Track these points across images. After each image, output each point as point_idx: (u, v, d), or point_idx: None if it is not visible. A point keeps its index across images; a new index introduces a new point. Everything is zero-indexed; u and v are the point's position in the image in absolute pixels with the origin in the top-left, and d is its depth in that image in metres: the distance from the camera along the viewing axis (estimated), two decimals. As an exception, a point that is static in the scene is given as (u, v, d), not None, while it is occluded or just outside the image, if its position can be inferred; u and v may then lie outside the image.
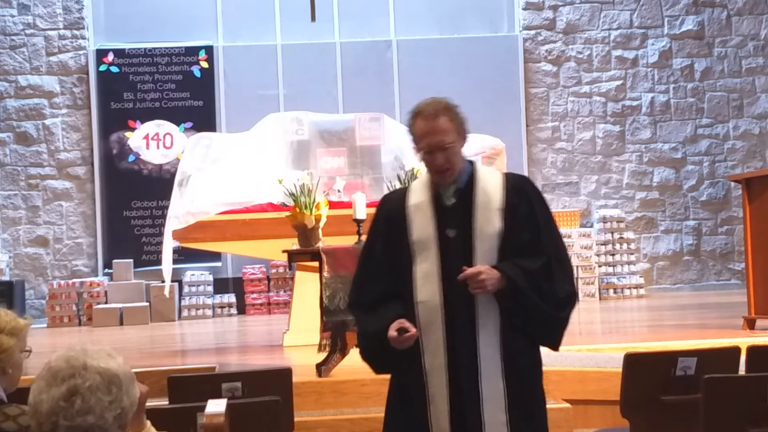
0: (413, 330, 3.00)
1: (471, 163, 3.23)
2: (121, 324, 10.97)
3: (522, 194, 3.14)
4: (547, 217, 3.18)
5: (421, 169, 7.29)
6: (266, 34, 12.35)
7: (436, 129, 3.07)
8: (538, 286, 3.06)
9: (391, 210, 3.22)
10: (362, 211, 6.33)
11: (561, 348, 3.24)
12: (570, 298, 3.13)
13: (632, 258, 12.05)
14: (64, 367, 2.09)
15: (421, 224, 3.12)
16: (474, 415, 3.03)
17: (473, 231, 3.08)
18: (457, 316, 3.05)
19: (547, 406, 3.27)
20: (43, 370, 2.12)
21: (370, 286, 3.18)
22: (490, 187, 3.14)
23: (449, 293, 3.05)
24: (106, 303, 11.27)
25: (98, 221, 11.99)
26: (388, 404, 3.28)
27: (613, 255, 11.99)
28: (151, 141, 12.05)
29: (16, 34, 12.10)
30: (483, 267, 3.00)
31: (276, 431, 3.68)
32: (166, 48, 12.18)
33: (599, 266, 11.85)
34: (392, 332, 3.01)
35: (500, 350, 3.05)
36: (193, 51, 12.22)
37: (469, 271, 2.98)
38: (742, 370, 4.22)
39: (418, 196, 3.18)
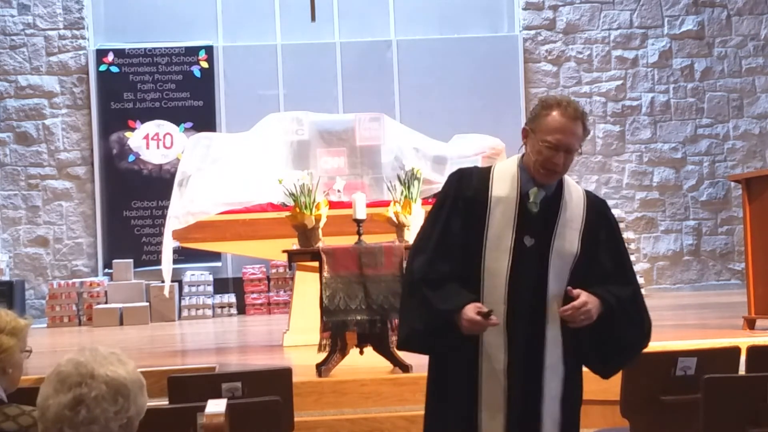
0: (495, 318, 2.89)
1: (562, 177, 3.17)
2: (121, 324, 10.96)
3: (602, 218, 3.11)
4: (624, 245, 3.20)
5: (422, 169, 7.31)
6: (266, 34, 12.35)
7: (571, 130, 2.98)
8: (628, 314, 3.07)
9: (473, 191, 3.06)
10: (362, 211, 6.33)
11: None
12: (650, 331, 3.16)
13: (632, 258, 12.00)
14: (72, 373, 2.09)
15: (501, 223, 3.00)
16: (533, 416, 2.99)
17: (551, 246, 3.00)
18: (519, 323, 2.97)
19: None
20: (52, 373, 2.12)
21: (442, 264, 3.00)
22: (574, 204, 3.07)
23: (513, 299, 2.97)
24: (106, 303, 11.27)
25: (98, 221, 11.99)
26: (428, 405, 3.19)
27: (613, 255, 11.97)
28: (151, 141, 12.05)
29: (16, 34, 12.10)
30: (586, 296, 2.95)
31: (276, 431, 3.68)
32: (166, 48, 12.18)
33: (599, 266, 11.83)
34: (472, 314, 2.88)
35: (562, 369, 3.03)
36: (193, 51, 12.22)
37: (575, 303, 2.93)
38: (742, 370, 4.22)
39: (504, 188, 3.04)
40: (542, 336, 2.98)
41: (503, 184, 3.05)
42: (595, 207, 3.12)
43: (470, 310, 2.90)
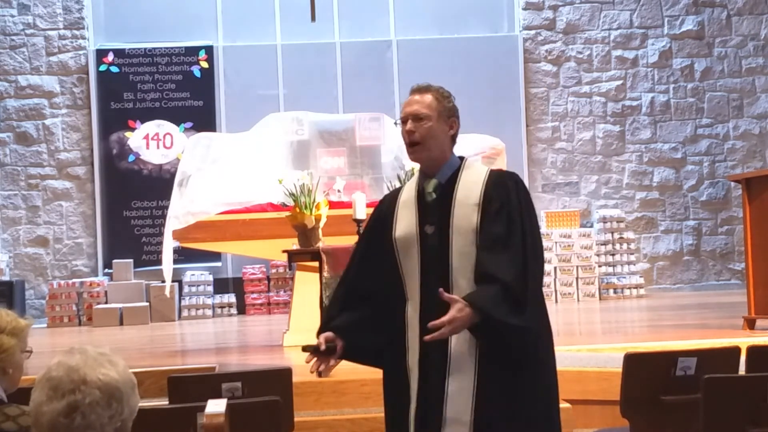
0: (321, 350, 3.05)
1: (461, 159, 3.17)
2: (121, 324, 10.97)
3: (501, 187, 3.04)
4: (524, 216, 3.01)
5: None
6: (266, 34, 12.36)
7: (414, 99, 3.13)
8: (517, 301, 2.89)
9: (384, 208, 3.22)
10: (362, 211, 6.33)
11: (561, 347, 3.24)
12: (529, 319, 2.91)
13: (632, 258, 12.05)
14: (64, 379, 2.08)
15: (405, 221, 3.09)
16: (437, 413, 2.95)
17: (450, 227, 3.01)
18: (432, 313, 2.90)
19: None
20: (42, 378, 2.11)
21: (345, 285, 3.22)
22: (471, 182, 3.07)
23: (426, 290, 2.99)
24: (106, 303, 11.27)
25: (98, 221, 11.99)
26: (384, 399, 3.24)
27: (613, 255, 11.99)
28: (151, 141, 12.05)
29: (16, 34, 12.10)
30: (452, 314, 2.80)
31: (276, 431, 3.68)
32: (166, 48, 12.18)
33: (599, 266, 11.85)
34: (320, 340, 3.08)
35: (475, 348, 2.94)
36: (193, 51, 12.22)
37: (438, 321, 2.82)
38: (742, 370, 4.22)
39: (407, 192, 3.17)
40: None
41: (408, 189, 3.18)
42: (495, 179, 3.07)
43: (322, 337, 3.10)
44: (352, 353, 3.15)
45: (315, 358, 3.07)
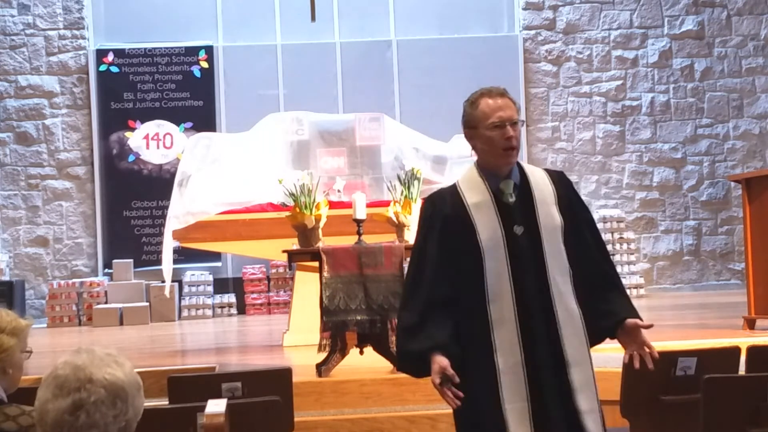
0: (455, 383, 2.93)
1: (519, 163, 3.22)
2: (121, 324, 10.96)
3: (567, 188, 3.19)
4: (585, 206, 3.28)
5: (422, 169, 7.32)
6: (266, 34, 12.35)
7: (506, 104, 3.15)
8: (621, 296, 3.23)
9: (449, 210, 3.13)
10: (362, 211, 6.33)
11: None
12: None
13: (632, 258, 12.05)
14: (70, 377, 2.09)
15: (488, 223, 3.06)
16: (560, 408, 3.00)
17: (539, 227, 3.06)
18: (530, 312, 3.00)
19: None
20: (49, 377, 2.12)
21: (423, 292, 3.07)
22: (541, 182, 3.15)
23: (519, 291, 3.02)
24: (106, 303, 11.27)
25: (98, 221, 11.99)
26: (455, 410, 3.10)
27: (613, 255, 11.94)
28: (151, 141, 12.06)
29: (16, 34, 12.10)
30: (645, 337, 3.13)
31: (276, 431, 3.68)
32: (166, 48, 12.18)
33: (599, 266, 11.83)
34: (435, 378, 2.95)
35: (585, 338, 3.09)
36: (193, 51, 12.22)
37: (649, 350, 3.11)
38: (742, 370, 4.22)
39: (476, 194, 3.12)
40: (554, 316, 3.02)
41: (473, 191, 3.13)
42: (557, 177, 3.21)
43: (435, 374, 2.94)
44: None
45: (449, 388, 2.96)
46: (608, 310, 3.14)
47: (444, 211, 3.12)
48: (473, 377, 3.02)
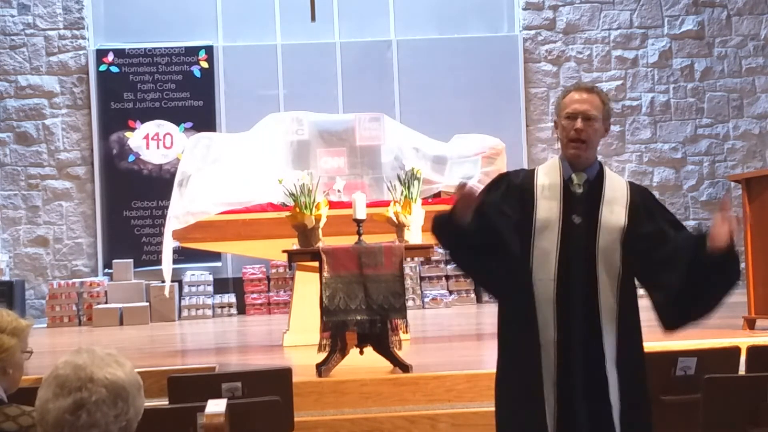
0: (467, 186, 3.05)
1: (601, 163, 3.33)
2: (121, 324, 10.96)
3: (648, 199, 3.29)
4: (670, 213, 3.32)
5: (422, 169, 7.31)
6: (266, 34, 12.35)
7: (584, 98, 3.24)
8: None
9: (519, 181, 3.27)
10: (362, 211, 6.33)
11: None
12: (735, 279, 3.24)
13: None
14: (71, 377, 2.09)
15: (549, 205, 3.19)
16: (597, 397, 3.08)
17: (599, 221, 3.16)
18: (573, 297, 3.12)
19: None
20: (50, 376, 2.12)
21: (483, 216, 3.14)
22: (617, 185, 3.26)
23: (564, 275, 3.13)
24: (106, 303, 11.27)
25: (98, 221, 11.99)
26: (498, 379, 3.29)
27: (613, 255, 11.98)
28: (151, 141, 12.06)
29: (16, 34, 12.10)
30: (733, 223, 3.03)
31: (276, 431, 3.68)
32: (166, 48, 12.18)
33: (599, 266, 11.85)
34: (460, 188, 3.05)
35: (615, 337, 3.13)
36: (193, 51, 12.22)
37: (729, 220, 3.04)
38: (742, 370, 4.22)
39: (548, 177, 3.25)
40: (596, 308, 3.11)
41: (547, 175, 3.26)
42: (639, 189, 3.32)
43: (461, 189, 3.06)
44: (473, 236, 3.10)
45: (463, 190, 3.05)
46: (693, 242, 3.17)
47: (515, 181, 3.27)
48: (514, 350, 3.19)
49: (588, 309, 3.12)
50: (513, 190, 3.24)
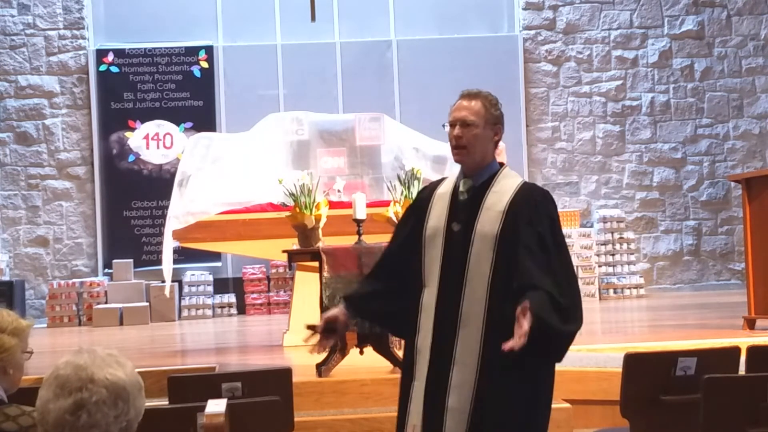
0: (316, 331, 3.27)
1: (501, 165, 3.31)
2: (121, 324, 10.96)
3: (529, 201, 3.17)
4: (553, 234, 3.15)
5: (422, 169, 7.32)
6: (266, 34, 12.35)
7: (465, 106, 3.27)
8: (559, 309, 3.03)
9: (424, 196, 3.40)
10: (362, 211, 6.33)
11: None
12: (579, 312, 3.12)
13: (632, 258, 12.05)
14: (72, 377, 2.10)
15: (438, 213, 3.27)
16: (439, 398, 3.13)
17: (474, 229, 3.17)
18: (446, 304, 3.18)
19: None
20: (50, 376, 2.12)
21: (383, 265, 3.42)
22: (503, 190, 3.22)
23: (444, 282, 3.19)
24: (106, 303, 11.27)
25: (98, 221, 11.99)
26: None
27: (613, 255, 11.99)
28: (151, 141, 12.06)
29: (16, 34, 12.10)
30: (527, 325, 2.88)
31: (276, 431, 3.68)
32: (166, 48, 12.18)
33: (599, 266, 11.86)
34: (321, 322, 3.28)
35: (480, 343, 3.10)
36: (193, 51, 12.22)
37: (518, 337, 2.88)
38: (742, 370, 4.22)
39: (445, 186, 3.34)
40: (458, 315, 3.15)
41: (447, 183, 3.35)
42: (525, 194, 3.20)
43: (326, 316, 3.33)
44: (366, 318, 3.52)
45: (313, 337, 3.27)
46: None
47: (422, 197, 3.42)
48: (405, 351, 3.33)
49: (455, 315, 3.14)
50: (416, 210, 3.37)
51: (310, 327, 3.27)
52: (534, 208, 3.16)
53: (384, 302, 3.33)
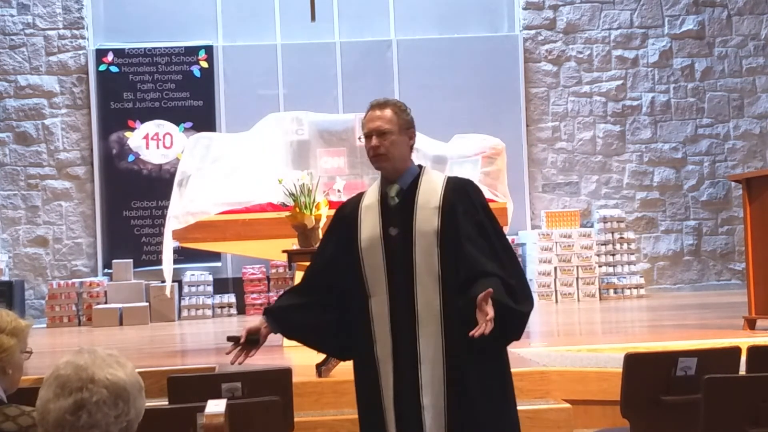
0: (238, 343, 3.30)
1: (420, 167, 3.42)
2: (121, 324, 10.96)
3: (461, 195, 3.29)
4: (488, 219, 3.29)
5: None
6: (266, 34, 12.35)
7: (378, 116, 3.34)
8: (512, 291, 3.15)
9: (347, 212, 3.44)
10: (362, 211, 6.32)
11: (561, 348, 3.26)
12: (528, 291, 3.26)
13: (632, 258, 12.05)
14: (72, 377, 2.10)
15: (371, 222, 3.32)
16: (413, 400, 3.19)
17: (413, 230, 3.24)
18: (400, 308, 3.23)
19: (546, 406, 3.28)
20: (51, 376, 2.12)
21: (308, 280, 3.45)
22: (431, 187, 3.31)
23: (393, 288, 3.24)
24: (105, 303, 11.27)
25: (98, 221, 11.99)
26: (356, 392, 3.45)
27: (613, 255, 11.99)
28: (151, 141, 12.05)
29: (16, 34, 12.10)
30: (491, 311, 2.97)
31: (276, 431, 3.68)
32: (166, 48, 12.18)
33: (599, 266, 11.85)
34: (243, 333, 3.29)
35: (441, 338, 3.18)
36: (193, 51, 12.22)
37: (487, 321, 2.96)
38: (742, 370, 4.21)
39: (370, 197, 3.39)
40: (415, 315, 3.21)
41: (370, 194, 3.41)
42: (453, 185, 3.33)
43: (245, 329, 3.33)
44: (287, 332, 3.54)
45: (235, 349, 3.30)
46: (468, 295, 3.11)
47: (342, 215, 3.46)
48: (360, 366, 3.37)
49: (412, 317, 3.20)
50: (341, 226, 3.41)
51: (232, 338, 3.31)
52: (467, 199, 3.28)
53: (305, 315, 3.38)
